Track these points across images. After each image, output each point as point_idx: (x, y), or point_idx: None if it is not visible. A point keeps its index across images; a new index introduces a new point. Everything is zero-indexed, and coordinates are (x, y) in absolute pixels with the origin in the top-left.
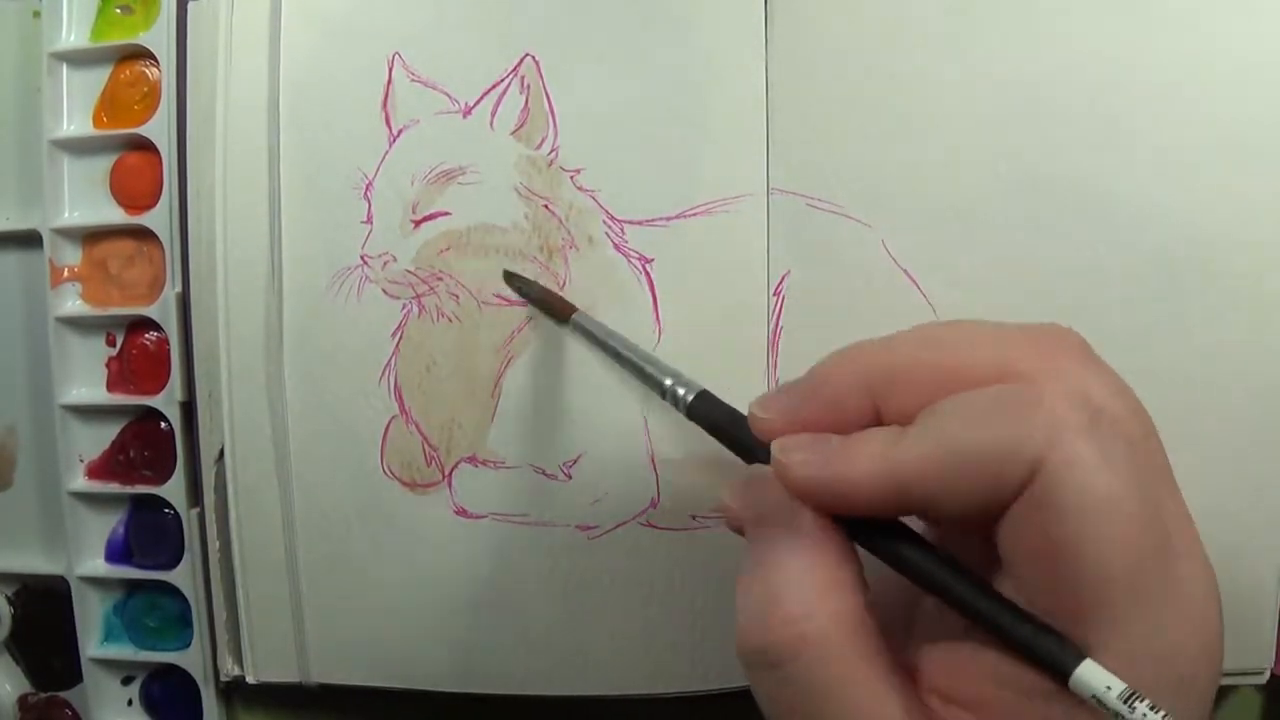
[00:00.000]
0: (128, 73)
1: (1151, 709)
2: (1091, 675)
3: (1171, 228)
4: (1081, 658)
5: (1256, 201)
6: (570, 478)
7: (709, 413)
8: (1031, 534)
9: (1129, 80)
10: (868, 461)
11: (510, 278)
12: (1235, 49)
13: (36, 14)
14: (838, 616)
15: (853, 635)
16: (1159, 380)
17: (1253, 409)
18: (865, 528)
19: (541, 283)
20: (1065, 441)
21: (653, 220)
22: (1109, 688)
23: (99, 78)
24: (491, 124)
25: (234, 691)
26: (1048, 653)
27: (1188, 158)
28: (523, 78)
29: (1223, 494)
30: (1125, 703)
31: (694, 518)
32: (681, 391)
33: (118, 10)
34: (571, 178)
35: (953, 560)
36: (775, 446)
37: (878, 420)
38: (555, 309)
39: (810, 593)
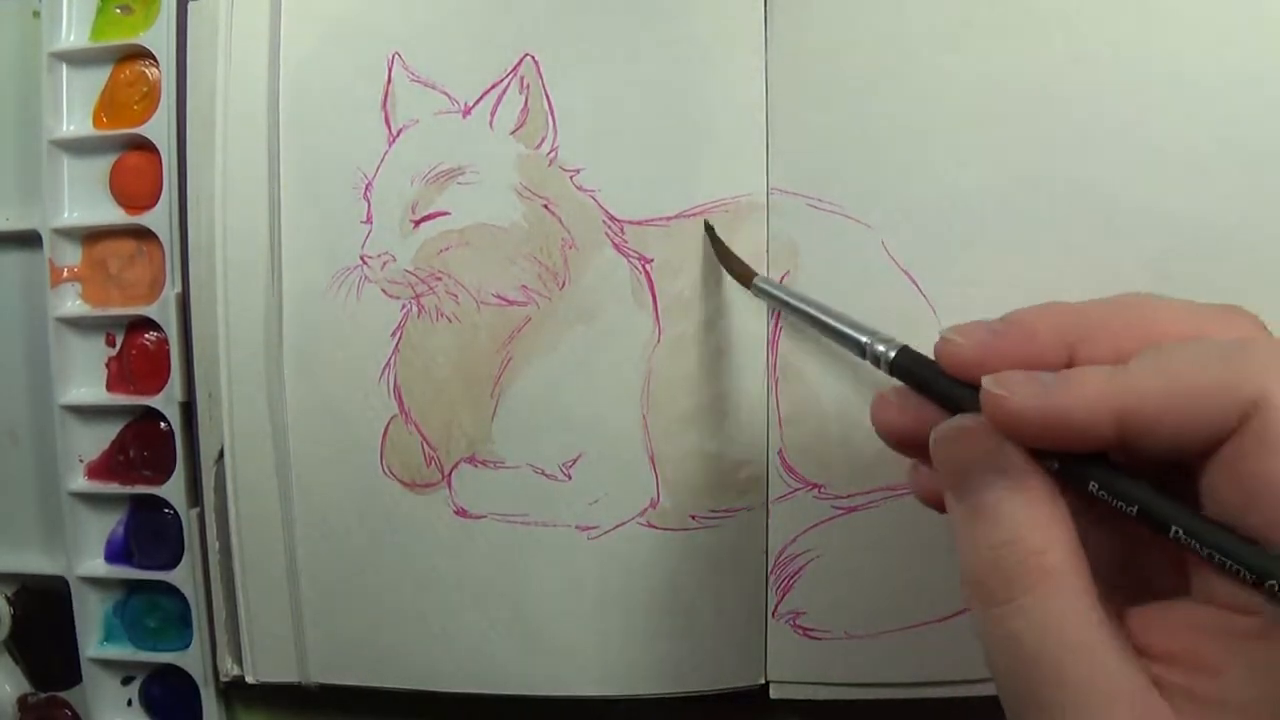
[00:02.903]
0: (127, 72)
1: None
2: None
3: (1173, 228)
4: None
5: (1259, 202)
6: (570, 478)
7: (914, 367)
8: (1245, 470)
9: (1129, 80)
10: (1090, 392)
11: (709, 228)
12: (1238, 48)
13: (36, 14)
14: (1070, 549)
15: (1079, 567)
16: None
17: None
18: (1072, 465)
19: (536, 271)
20: None
21: (653, 220)
22: None
23: (99, 78)
24: (491, 124)
25: (234, 691)
26: (1262, 566)
27: (1189, 158)
28: (522, 78)
29: None
30: None
31: (694, 518)
32: (882, 348)
33: (117, 10)
34: (571, 177)
35: (1168, 494)
36: (989, 380)
37: (1071, 365)
38: (736, 272)
39: (1040, 529)
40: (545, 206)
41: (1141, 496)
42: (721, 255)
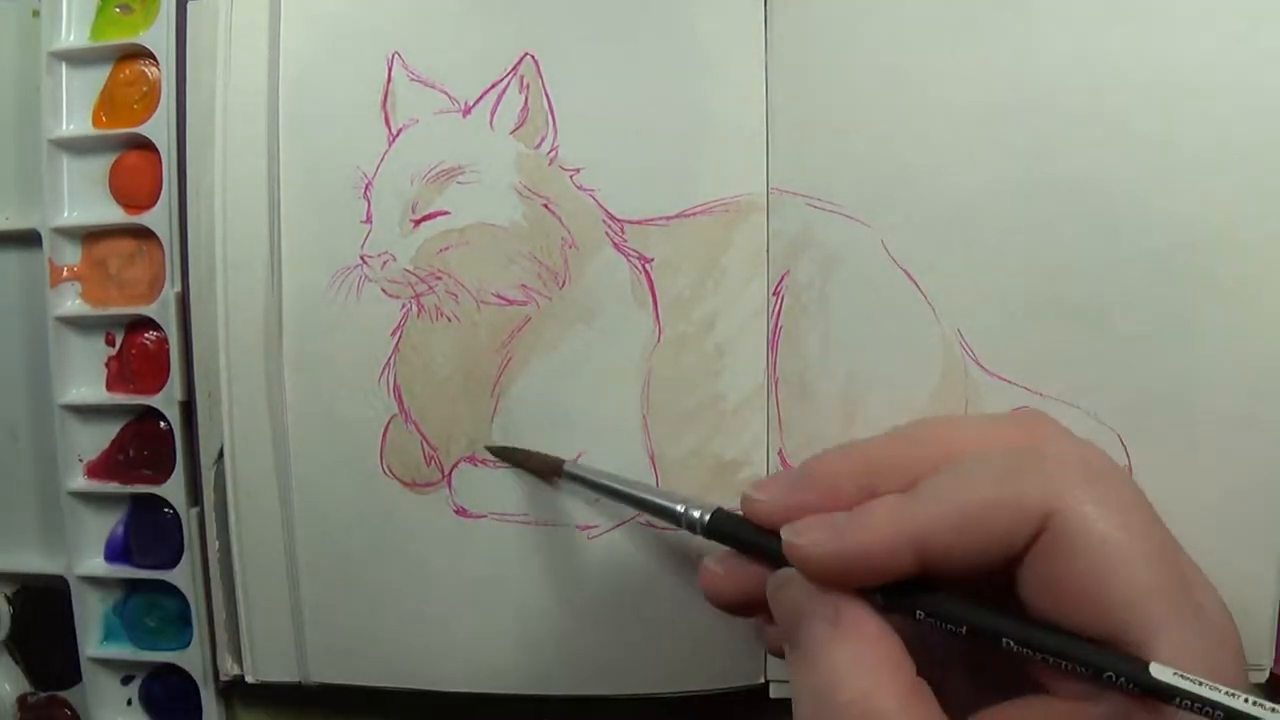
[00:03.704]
0: (127, 72)
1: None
2: (1162, 671)
3: (1172, 227)
4: (1144, 661)
5: (1257, 201)
6: None
7: (727, 527)
8: (1056, 574)
9: (1129, 80)
10: (881, 527)
11: (493, 450)
12: (1236, 48)
13: (36, 13)
14: (898, 689)
15: (915, 704)
16: (1159, 379)
17: (1252, 408)
18: (895, 595)
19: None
20: (1074, 490)
21: (653, 220)
22: (1183, 676)
23: (98, 77)
24: (491, 123)
25: (233, 691)
26: (1114, 664)
27: (1188, 157)
28: (522, 77)
29: (1222, 493)
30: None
31: None
32: (697, 514)
33: (117, 9)
34: (571, 177)
35: (990, 606)
36: (785, 531)
37: None
38: (539, 469)
39: (865, 672)
40: (545, 206)
41: (968, 616)
42: (521, 462)
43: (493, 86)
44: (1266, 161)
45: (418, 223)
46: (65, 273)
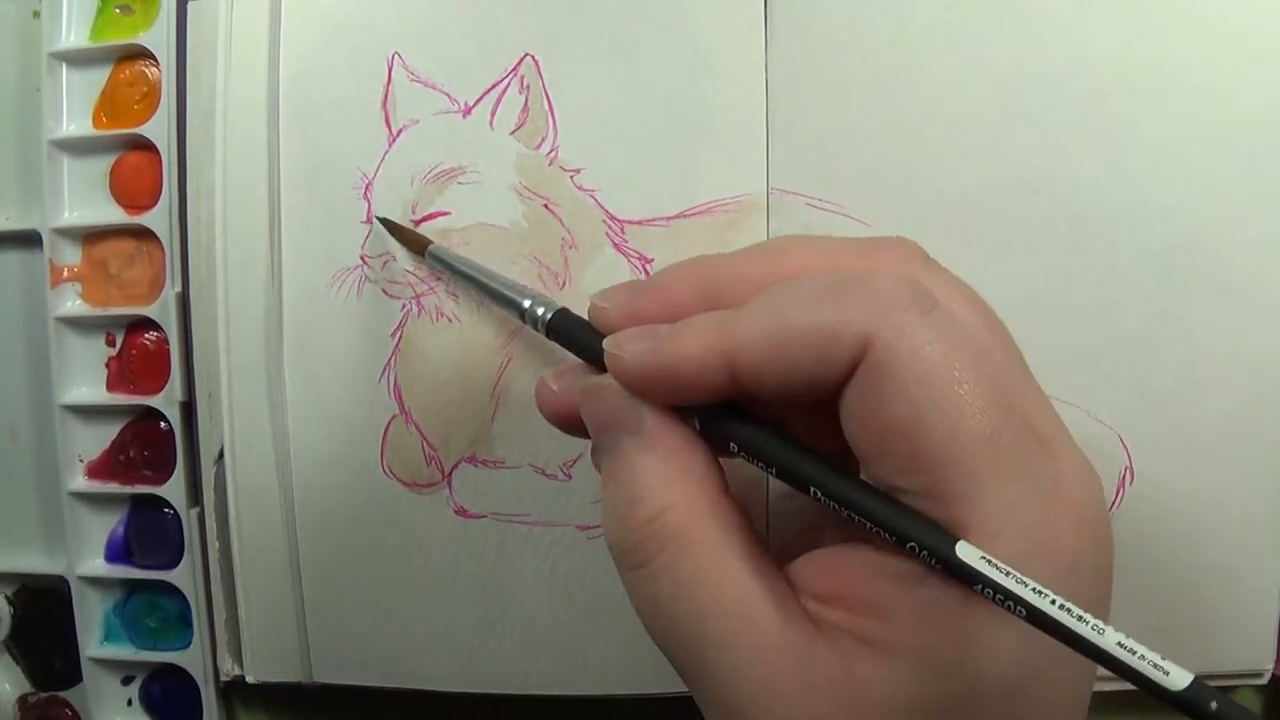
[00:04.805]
0: (127, 73)
1: (1021, 581)
2: (969, 553)
3: (1171, 227)
4: (953, 538)
5: (1255, 200)
6: (570, 477)
7: (567, 328)
8: (871, 411)
9: (1128, 80)
10: (696, 342)
11: (382, 220)
12: (1233, 48)
13: (36, 14)
14: (694, 506)
15: (711, 523)
16: (1158, 379)
17: (1252, 408)
18: (715, 419)
19: (517, 278)
20: (894, 316)
21: (653, 220)
22: (984, 559)
23: (99, 78)
24: (491, 124)
25: (234, 691)
26: (919, 534)
27: (1187, 157)
28: (522, 77)
29: (1223, 494)
30: (1005, 574)
31: None
32: (541, 310)
33: (117, 10)
34: (571, 177)
35: (808, 448)
36: (608, 342)
37: None
38: (413, 244)
39: (663, 486)
40: (545, 206)
41: (777, 454)
42: (397, 235)
43: (493, 87)
44: (1265, 161)
45: (418, 223)
46: (65, 273)
